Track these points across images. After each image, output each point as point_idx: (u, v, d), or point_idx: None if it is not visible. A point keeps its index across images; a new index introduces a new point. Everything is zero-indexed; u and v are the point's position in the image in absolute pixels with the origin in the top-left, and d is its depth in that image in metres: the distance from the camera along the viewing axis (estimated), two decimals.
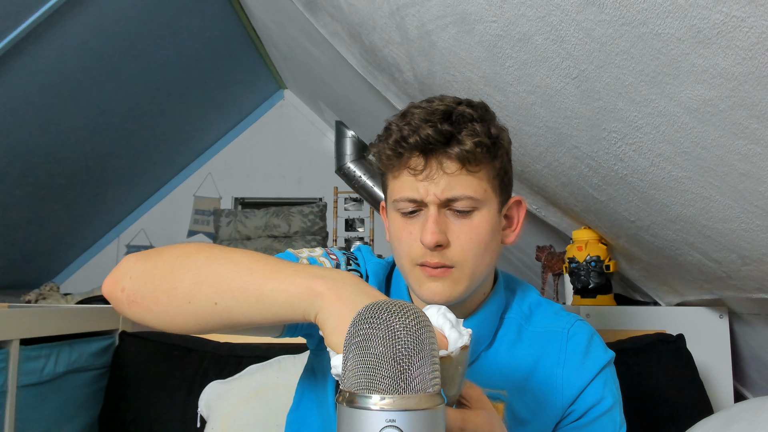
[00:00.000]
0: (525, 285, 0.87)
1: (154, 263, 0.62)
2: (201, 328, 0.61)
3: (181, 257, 0.62)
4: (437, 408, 0.42)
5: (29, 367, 1.17)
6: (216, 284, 0.58)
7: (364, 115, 2.83)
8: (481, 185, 0.72)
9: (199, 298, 0.58)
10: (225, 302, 0.57)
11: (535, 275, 2.27)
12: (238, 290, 0.57)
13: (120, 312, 0.64)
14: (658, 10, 0.65)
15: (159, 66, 3.20)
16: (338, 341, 0.50)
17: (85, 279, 4.29)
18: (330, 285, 0.53)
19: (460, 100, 0.74)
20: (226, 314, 0.58)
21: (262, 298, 0.56)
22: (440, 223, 0.70)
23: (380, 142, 0.74)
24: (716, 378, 1.40)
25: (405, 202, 0.72)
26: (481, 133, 0.70)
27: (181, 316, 0.60)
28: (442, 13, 1.01)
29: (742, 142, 0.75)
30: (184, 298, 0.59)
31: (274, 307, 0.56)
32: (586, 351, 0.78)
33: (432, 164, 0.70)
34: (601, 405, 0.75)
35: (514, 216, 0.81)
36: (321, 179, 4.52)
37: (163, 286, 0.60)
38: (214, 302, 0.58)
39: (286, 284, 0.55)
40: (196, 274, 0.59)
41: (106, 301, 0.64)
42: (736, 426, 0.97)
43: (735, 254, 1.02)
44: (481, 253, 0.73)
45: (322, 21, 1.74)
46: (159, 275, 0.61)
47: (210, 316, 0.59)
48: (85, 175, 3.51)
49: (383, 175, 0.78)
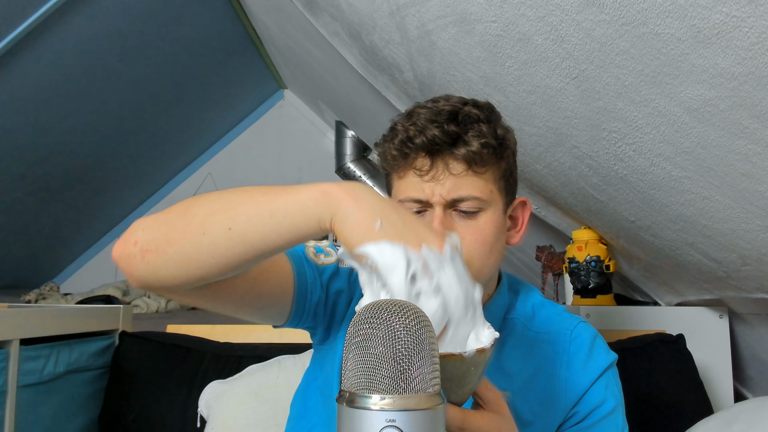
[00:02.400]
0: (528, 286, 0.87)
1: (167, 212, 0.61)
2: (217, 263, 0.58)
3: (193, 200, 0.61)
4: (437, 408, 0.42)
5: (29, 367, 1.17)
6: (229, 210, 0.57)
7: (364, 115, 2.83)
8: (487, 186, 0.72)
9: (214, 227, 0.57)
10: (239, 225, 0.56)
11: (535, 275, 2.27)
12: (252, 210, 0.56)
13: (132, 270, 0.61)
14: (658, 10, 0.65)
15: (159, 66, 3.20)
16: (357, 239, 0.49)
17: (85, 279, 4.28)
18: (344, 187, 0.53)
19: (466, 100, 0.74)
20: (241, 239, 0.56)
21: (276, 212, 0.55)
22: (446, 224, 0.70)
23: (385, 142, 0.74)
24: (716, 378, 1.40)
25: (410, 202, 0.72)
26: (487, 134, 0.70)
27: (196, 251, 0.58)
28: (442, 13, 1.01)
29: (742, 142, 0.75)
30: (199, 229, 0.57)
31: (288, 218, 0.54)
32: (589, 353, 0.78)
33: (438, 165, 0.70)
34: (604, 407, 0.75)
35: (519, 217, 0.81)
36: (321, 179, 4.44)
37: (178, 224, 0.59)
38: (228, 227, 0.56)
39: (299, 194, 0.54)
40: (209, 206, 0.59)
41: (106, 301, 0.63)
42: (736, 426, 0.97)
43: (735, 254, 1.02)
44: (486, 254, 0.73)
45: (322, 21, 1.74)
46: (173, 217, 0.60)
47: (226, 245, 0.57)
48: (85, 175, 3.51)
49: (388, 175, 0.77)
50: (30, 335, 1.17)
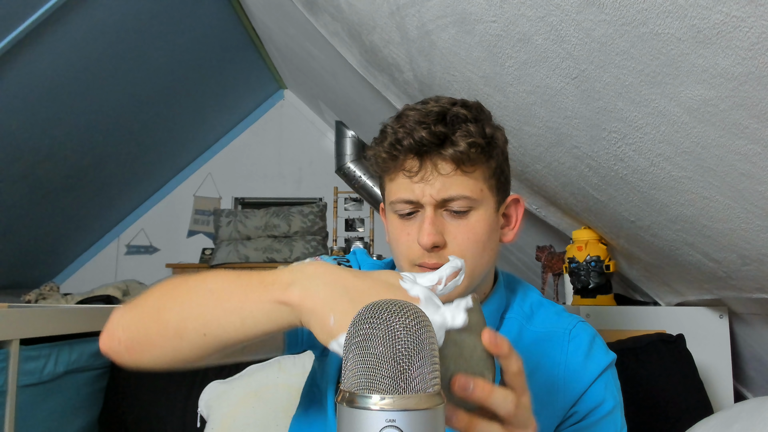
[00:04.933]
0: (526, 285, 0.87)
1: (141, 309, 0.64)
2: (202, 357, 0.61)
3: (163, 298, 0.63)
4: (437, 408, 0.42)
5: (29, 367, 1.17)
6: (200, 316, 0.59)
7: (364, 115, 2.83)
8: (477, 185, 0.72)
9: (189, 332, 0.59)
10: (213, 331, 0.58)
11: (535, 275, 2.27)
12: (222, 318, 0.58)
13: (123, 363, 0.65)
14: (658, 10, 0.65)
15: (159, 66, 3.20)
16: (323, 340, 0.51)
17: (85, 279, 4.29)
18: (299, 293, 0.54)
19: (455, 100, 0.74)
20: (218, 341, 0.59)
21: (246, 320, 0.57)
22: (437, 224, 0.71)
23: (376, 144, 0.75)
24: (716, 378, 1.40)
25: (401, 203, 0.73)
26: (475, 133, 0.70)
27: (178, 351, 0.61)
28: (442, 13, 1.01)
29: (742, 142, 0.75)
30: (175, 334, 0.60)
31: (260, 326, 0.57)
32: (588, 352, 0.78)
33: (427, 166, 0.71)
34: (603, 407, 0.75)
35: (512, 214, 0.81)
36: (321, 179, 4.52)
37: (154, 327, 0.61)
38: (203, 334, 0.59)
39: (261, 303, 0.56)
40: (179, 310, 0.61)
41: (106, 301, 0.64)
42: (736, 426, 0.97)
43: (735, 254, 1.02)
44: (479, 253, 0.73)
45: (322, 21, 1.74)
46: (147, 319, 0.62)
47: (205, 347, 0.60)
48: (85, 175, 3.51)
49: (380, 177, 0.78)
50: (30, 335, 1.17)
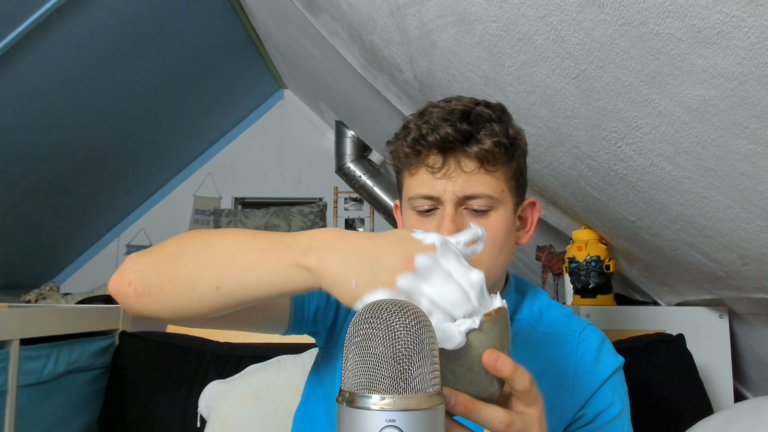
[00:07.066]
0: (535, 287, 0.87)
1: (157, 255, 0.63)
2: (209, 311, 0.60)
3: (180, 245, 0.62)
4: (437, 408, 0.42)
5: (29, 367, 1.17)
6: (216, 267, 0.58)
7: (364, 115, 2.83)
8: (499, 185, 0.72)
9: (202, 284, 0.59)
10: (227, 285, 0.58)
11: (535, 275, 2.27)
12: (238, 274, 0.57)
13: (129, 308, 0.64)
14: (658, 10, 0.65)
15: (159, 66, 3.20)
16: (347, 303, 0.50)
17: (85, 279, 4.29)
18: (317, 259, 0.53)
19: (478, 101, 0.75)
20: (230, 297, 0.58)
21: (261, 278, 0.56)
22: (456, 222, 0.71)
23: (398, 140, 0.75)
24: (716, 378, 1.40)
25: (421, 199, 0.73)
26: (499, 133, 0.70)
27: (188, 301, 0.60)
28: (442, 13, 1.01)
29: (742, 142, 0.75)
30: (188, 284, 0.59)
31: (275, 286, 0.56)
32: (597, 355, 0.78)
33: (450, 162, 0.71)
34: (611, 410, 0.75)
35: (528, 217, 0.81)
36: (321, 179, 4.52)
37: (167, 274, 0.61)
38: (216, 286, 0.58)
39: (279, 264, 0.55)
40: (195, 260, 0.60)
41: (106, 301, 0.64)
42: (736, 426, 0.97)
43: (735, 254, 1.02)
44: (496, 254, 0.73)
45: (322, 21, 1.74)
46: (162, 265, 0.62)
47: (215, 301, 0.59)
48: (85, 175, 3.51)
49: (399, 172, 0.78)
50: (30, 335, 1.17)
